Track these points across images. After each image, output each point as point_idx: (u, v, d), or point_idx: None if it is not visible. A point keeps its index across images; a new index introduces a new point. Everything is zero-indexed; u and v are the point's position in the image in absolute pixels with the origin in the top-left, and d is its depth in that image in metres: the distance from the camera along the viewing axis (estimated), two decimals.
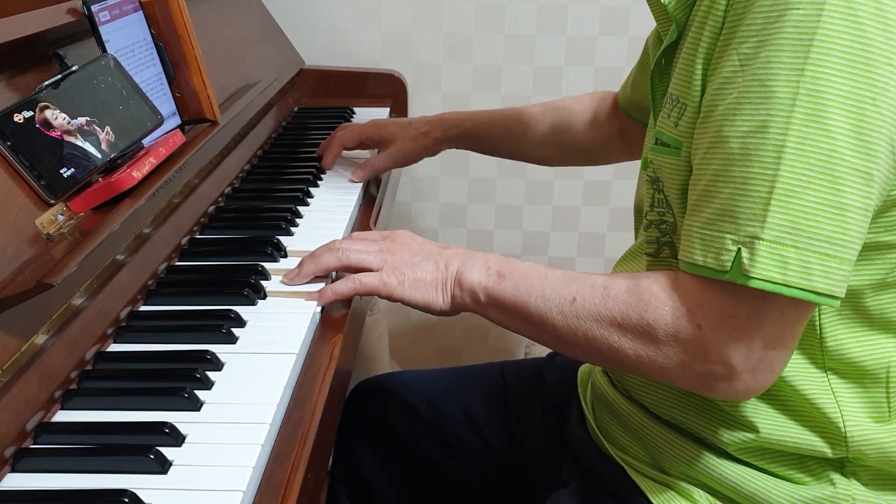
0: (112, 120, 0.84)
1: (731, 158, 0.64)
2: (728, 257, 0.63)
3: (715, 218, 0.65)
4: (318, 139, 1.38)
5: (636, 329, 0.69)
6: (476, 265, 0.80)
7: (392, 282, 0.81)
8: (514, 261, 0.80)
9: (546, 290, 0.75)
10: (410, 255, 0.83)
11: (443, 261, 0.82)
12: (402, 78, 1.69)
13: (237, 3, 1.46)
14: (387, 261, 0.83)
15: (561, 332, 0.74)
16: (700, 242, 0.66)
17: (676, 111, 0.73)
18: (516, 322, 0.78)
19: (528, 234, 1.85)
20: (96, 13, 0.88)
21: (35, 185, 0.73)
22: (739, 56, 0.64)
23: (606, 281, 0.73)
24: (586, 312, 0.72)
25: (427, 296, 0.81)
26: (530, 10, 1.68)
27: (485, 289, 0.78)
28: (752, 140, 0.63)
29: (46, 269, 0.67)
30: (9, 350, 0.64)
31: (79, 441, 0.64)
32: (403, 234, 0.87)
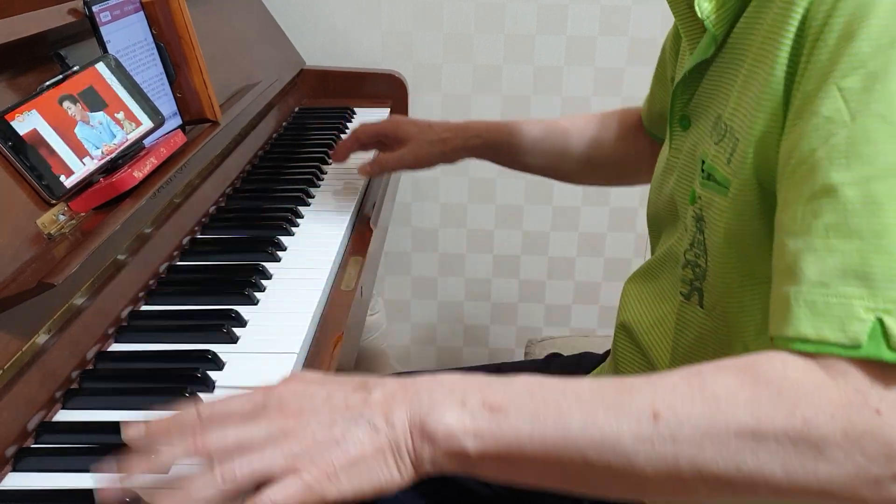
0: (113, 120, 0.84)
1: (851, 209, 0.52)
2: (861, 328, 0.50)
3: (831, 280, 0.51)
4: (319, 139, 1.39)
5: (784, 434, 0.49)
6: (438, 402, 0.53)
7: (320, 482, 0.52)
8: (489, 379, 0.55)
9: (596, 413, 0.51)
10: (325, 428, 0.53)
11: (379, 415, 0.53)
12: (402, 78, 1.69)
13: (237, 4, 1.46)
14: (296, 455, 0.52)
15: (644, 468, 0.51)
16: (808, 310, 0.52)
17: (731, 145, 0.64)
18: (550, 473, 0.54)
19: (528, 234, 1.85)
20: (97, 13, 0.88)
21: (36, 185, 0.73)
22: (842, 92, 0.54)
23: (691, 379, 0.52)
24: (688, 431, 0.50)
25: (376, 477, 0.53)
26: (530, 10, 1.69)
27: (477, 434, 0.52)
28: (879, 186, 0.51)
29: (48, 268, 0.68)
30: (10, 350, 0.64)
31: (80, 440, 0.64)
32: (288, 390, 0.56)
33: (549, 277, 1.90)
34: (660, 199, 0.83)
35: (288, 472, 0.52)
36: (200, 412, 0.55)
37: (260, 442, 0.53)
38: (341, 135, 1.45)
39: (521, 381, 0.55)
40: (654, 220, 0.86)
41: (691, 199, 0.71)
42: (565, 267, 1.90)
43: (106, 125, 0.83)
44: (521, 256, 1.88)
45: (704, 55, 0.70)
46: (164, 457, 0.53)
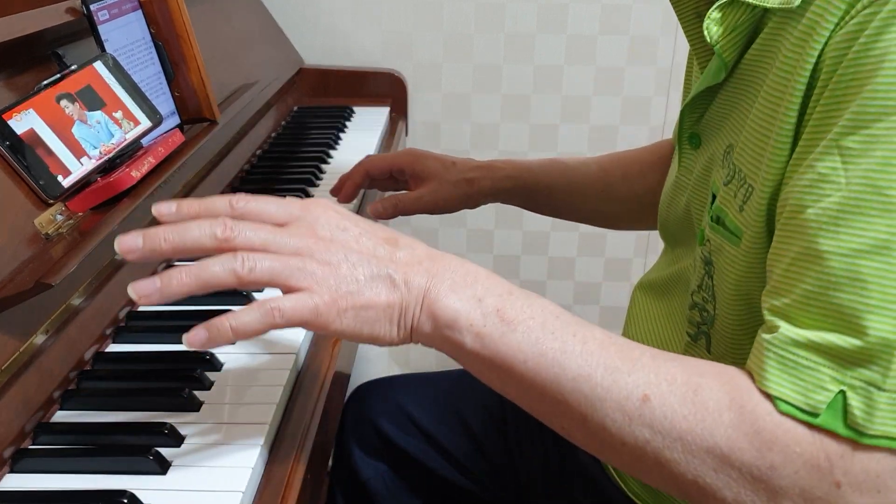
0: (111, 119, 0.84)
1: (834, 282, 0.50)
2: (823, 398, 0.50)
3: (805, 343, 0.51)
4: (318, 139, 1.38)
5: (749, 469, 0.51)
6: (457, 287, 0.56)
7: (328, 311, 0.54)
8: (516, 291, 0.57)
9: (594, 369, 0.53)
10: (350, 266, 0.55)
11: (400, 273, 0.55)
12: (402, 78, 1.68)
13: (236, 3, 1.45)
14: (316, 276, 0.54)
15: (613, 436, 0.53)
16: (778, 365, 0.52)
17: (743, 192, 0.60)
18: (529, 397, 0.56)
19: (528, 235, 1.85)
20: (95, 12, 0.88)
21: (33, 184, 0.73)
22: (841, 151, 0.51)
23: (692, 378, 0.53)
24: (668, 424, 0.52)
25: (376, 328, 0.55)
26: (530, 9, 1.68)
27: (478, 335, 0.55)
28: (865, 263, 0.49)
29: (45, 269, 0.67)
30: (7, 350, 0.64)
31: (78, 441, 0.64)
32: (326, 216, 0.57)
33: (549, 277, 1.90)
34: (670, 215, 0.81)
35: (303, 289, 0.53)
36: (234, 204, 0.56)
37: (287, 252, 0.54)
38: (341, 134, 1.45)
39: (540, 304, 0.56)
40: (665, 232, 0.83)
41: (700, 239, 0.68)
42: (565, 267, 1.89)
43: (104, 124, 0.83)
44: (521, 256, 1.88)
45: (716, 80, 0.66)
46: (189, 235, 0.53)
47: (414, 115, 1.75)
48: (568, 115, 1.77)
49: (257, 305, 0.54)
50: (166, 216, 0.56)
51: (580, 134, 1.78)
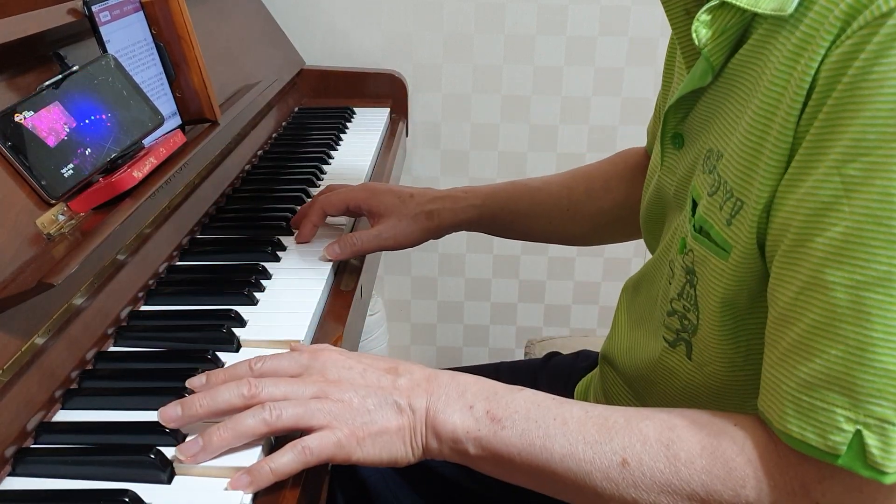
0: (113, 120, 0.84)
1: (839, 313, 0.51)
2: (841, 439, 0.51)
3: (818, 383, 0.52)
4: (319, 139, 1.39)
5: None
6: (451, 402, 0.62)
7: (350, 443, 0.61)
8: (499, 388, 0.63)
9: (575, 447, 0.58)
10: (361, 399, 0.62)
11: (404, 398, 0.63)
12: (402, 78, 1.69)
13: (237, 4, 1.46)
14: (334, 413, 0.61)
15: (609, 501, 0.59)
16: (795, 410, 0.53)
17: (730, 206, 0.60)
18: (534, 483, 0.62)
19: None
20: (97, 13, 0.88)
21: (35, 185, 0.73)
22: (843, 178, 0.51)
23: (663, 433, 0.57)
24: (649, 482, 0.56)
25: (393, 451, 0.62)
26: (530, 10, 1.68)
27: (476, 440, 0.61)
28: (869, 295, 0.50)
29: (47, 268, 0.67)
30: (9, 350, 0.64)
31: (79, 441, 0.64)
32: (328, 358, 0.65)
33: (549, 277, 1.90)
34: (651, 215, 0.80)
35: (324, 427, 0.61)
36: (253, 367, 0.66)
37: (305, 397, 0.62)
38: (341, 135, 1.45)
39: (522, 397, 0.62)
40: (646, 226, 0.84)
41: (681, 248, 0.68)
42: (565, 267, 1.89)
43: (105, 125, 0.83)
44: (521, 256, 1.88)
45: (702, 82, 0.65)
46: (221, 399, 0.62)
47: (414, 116, 1.76)
48: (568, 116, 1.77)
49: (289, 447, 0.61)
50: (198, 387, 0.65)
51: (580, 134, 1.78)
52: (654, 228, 0.83)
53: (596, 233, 1.03)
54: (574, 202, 1.00)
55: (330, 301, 0.88)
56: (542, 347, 1.32)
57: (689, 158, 0.71)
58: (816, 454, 0.52)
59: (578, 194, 1.01)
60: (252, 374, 0.65)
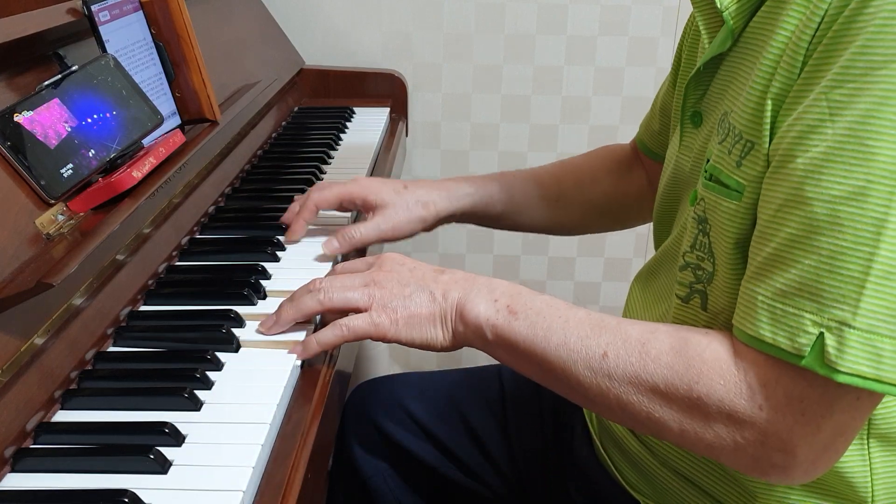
0: (112, 120, 0.84)
1: (816, 225, 0.55)
2: (807, 340, 0.55)
3: (791, 291, 0.56)
4: (319, 139, 1.39)
5: (683, 401, 0.60)
6: (481, 295, 0.71)
7: (384, 322, 0.72)
8: (525, 291, 0.71)
9: (569, 339, 0.65)
10: (401, 287, 0.73)
11: (440, 290, 0.72)
12: (402, 78, 1.69)
13: (237, 3, 1.46)
14: (375, 297, 0.73)
15: (588, 390, 0.65)
16: (769, 316, 0.57)
17: (739, 148, 0.63)
18: (532, 369, 0.69)
19: (529, 235, 1.85)
20: (96, 13, 0.88)
21: (35, 184, 0.73)
22: (829, 103, 0.55)
23: (644, 334, 0.63)
24: (621, 373, 0.63)
25: (425, 333, 0.72)
26: (530, 10, 1.68)
27: (493, 326, 0.69)
28: (844, 208, 0.54)
29: (46, 268, 0.67)
30: (9, 350, 0.64)
31: (79, 441, 0.64)
32: (391, 258, 0.76)
33: (549, 277, 1.90)
34: (669, 196, 0.82)
35: (365, 309, 0.72)
36: (335, 267, 0.82)
37: (357, 285, 0.74)
38: (341, 134, 1.45)
39: (541, 299, 0.70)
40: (660, 221, 0.85)
41: (692, 199, 0.71)
42: (565, 267, 1.89)
43: (105, 125, 0.83)
44: (521, 256, 1.88)
45: (721, 48, 0.69)
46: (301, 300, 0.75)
47: (414, 116, 1.75)
48: (568, 116, 1.77)
49: (332, 325, 0.73)
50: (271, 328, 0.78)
51: (580, 134, 1.78)
52: (666, 220, 0.84)
53: (584, 222, 1.08)
54: (563, 193, 1.05)
55: None
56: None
57: (705, 132, 0.73)
58: (784, 356, 0.56)
59: (567, 186, 1.05)
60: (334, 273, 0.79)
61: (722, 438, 0.60)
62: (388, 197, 0.97)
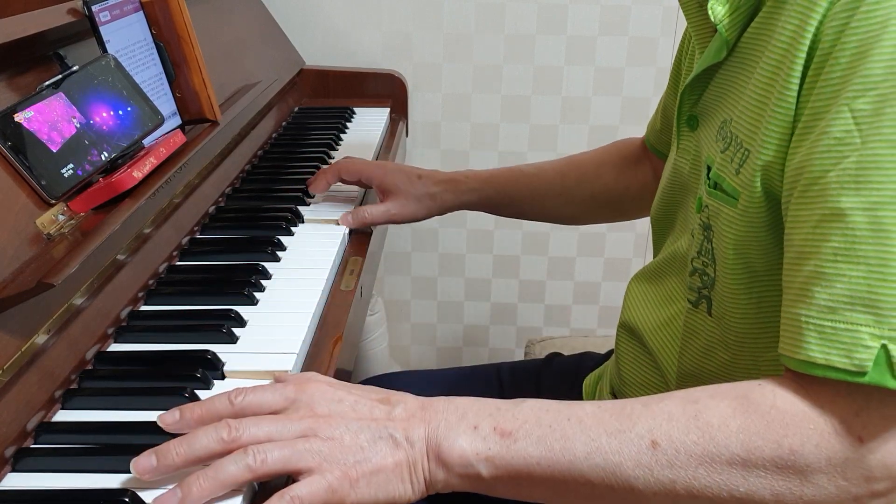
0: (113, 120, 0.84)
1: (859, 236, 0.53)
2: (867, 355, 0.52)
3: (840, 306, 0.53)
4: (319, 139, 1.39)
5: (772, 463, 0.53)
6: (453, 427, 0.58)
7: (342, 485, 0.56)
8: (502, 405, 0.60)
9: (599, 440, 0.56)
10: (352, 436, 0.58)
11: (400, 431, 0.58)
12: (402, 78, 1.69)
13: (237, 4, 1.46)
14: (322, 453, 0.56)
15: (645, 490, 0.55)
16: (818, 336, 0.54)
17: (740, 156, 0.64)
18: (556, 495, 0.58)
19: (528, 235, 1.85)
20: (97, 13, 0.88)
21: (35, 184, 0.73)
22: (854, 113, 0.54)
23: (687, 406, 0.56)
24: (684, 458, 0.54)
25: (391, 489, 0.58)
26: (530, 10, 1.68)
27: (487, 459, 0.57)
28: (887, 212, 0.52)
29: (47, 268, 0.67)
30: (9, 350, 0.64)
31: (79, 441, 0.64)
32: (319, 391, 0.61)
33: (549, 277, 1.90)
34: (670, 199, 0.83)
35: (314, 471, 0.56)
36: (233, 400, 0.60)
37: (291, 437, 0.57)
38: (341, 135, 1.45)
39: (528, 406, 0.59)
40: (658, 220, 0.86)
41: (698, 207, 0.71)
42: (565, 267, 1.90)
43: (105, 125, 0.83)
44: (521, 256, 1.88)
45: (716, 58, 0.69)
46: (198, 445, 0.57)
47: (414, 116, 1.76)
48: (568, 116, 1.77)
49: (276, 498, 0.55)
50: (171, 426, 0.60)
51: (580, 134, 1.78)
52: (665, 221, 0.84)
53: (586, 214, 1.13)
54: (566, 187, 1.09)
55: (330, 301, 0.88)
56: (543, 347, 1.32)
57: (701, 135, 0.74)
58: (842, 375, 0.52)
59: (570, 180, 1.09)
60: (232, 409, 0.59)
61: (824, 488, 0.53)
62: (402, 185, 1.06)
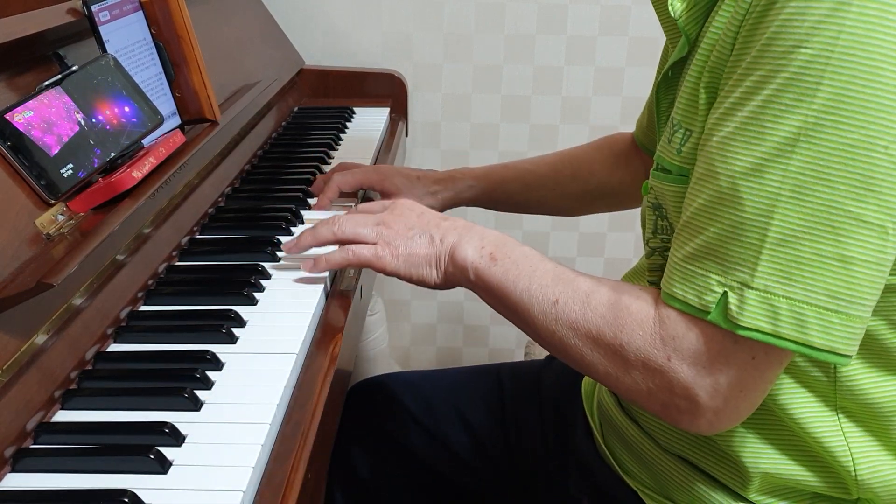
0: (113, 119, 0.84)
1: (721, 197, 0.61)
2: (712, 298, 0.61)
3: (699, 254, 0.63)
4: (319, 139, 1.39)
5: (608, 347, 0.67)
6: (471, 241, 0.79)
7: (386, 255, 0.82)
8: (511, 242, 0.78)
9: (531, 286, 0.73)
10: (406, 228, 0.82)
11: (439, 234, 0.81)
12: (402, 78, 1.69)
13: (237, 3, 1.46)
14: (382, 234, 0.83)
15: (540, 331, 0.73)
16: (680, 275, 0.64)
17: (679, 136, 0.69)
18: (501, 309, 0.78)
19: (528, 234, 1.85)
20: (96, 13, 0.88)
21: (35, 185, 0.73)
22: (742, 88, 0.60)
23: (591, 287, 0.70)
24: (564, 318, 0.70)
25: (420, 271, 0.81)
26: (530, 10, 1.68)
27: (475, 269, 0.77)
28: (744, 183, 0.59)
29: (46, 269, 0.67)
30: (9, 350, 0.64)
31: (79, 441, 0.64)
32: (403, 204, 0.86)
33: None
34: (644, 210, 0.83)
35: (373, 243, 0.83)
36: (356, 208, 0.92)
37: (368, 223, 0.84)
38: (341, 135, 1.45)
39: (521, 251, 0.77)
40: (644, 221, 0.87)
41: (645, 190, 0.78)
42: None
43: (105, 125, 0.83)
44: None
45: (680, 55, 0.72)
46: (319, 229, 0.87)
47: (414, 116, 1.76)
48: (568, 116, 1.77)
49: (341, 249, 0.84)
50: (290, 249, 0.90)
51: (580, 134, 1.78)
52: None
53: (583, 208, 1.20)
54: (561, 183, 1.15)
55: (330, 301, 0.88)
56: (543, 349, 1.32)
57: None
58: (693, 311, 0.63)
59: (565, 176, 1.15)
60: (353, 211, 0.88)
61: (637, 384, 0.66)
62: (403, 187, 1.12)
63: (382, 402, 1.06)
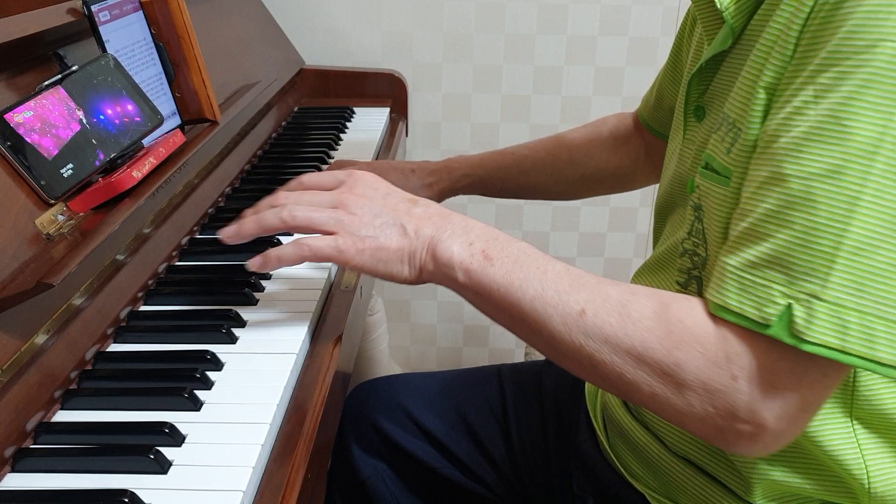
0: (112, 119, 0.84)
1: (792, 201, 0.56)
2: (774, 311, 0.56)
3: (762, 262, 0.57)
4: (318, 139, 1.39)
5: (659, 366, 0.60)
6: (456, 236, 0.69)
7: (348, 249, 0.70)
8: (501, 236, 0.70)
9: (546, 292, 0.64)
10: (371, 216, 0.71)
11: (412, 224, 0.70)
12: (402, 78, 1.69)
13: (237, 3, 1.46)
14: (343, 222, 0.71)
15: (560, 345, 0.64)
16: (737, 285, 0.58)
17: (731, 136, 0.65)
18: (503, 318, 0.68)
19: (528, 235, 1.85)
20: (96, 13, 0.88)
21: (35, 185, 0.73)
22: (815, 86, 0.57)
23: (625, 296, 0.63)
24: (598, 332, 0.62)
25: (390, 267, 0.71)
26: (530, 10, 1.68)
27: (466, 270, 0.68)
28: (819, 185, 0.55)
29: (46, 268, 0.67)
30: (9, 350, 0.64)
31: (79, 441, 0.64)
32: (363, 180, 0.74)
33: None
34: (673, 188, 0.82)
35: (332, 233, 0.71)
36: (303, 181, 0.78)
37: (324, 204, 0.72)
38: (341, 135, 1.45)
39: (517, 247, 0.68)
40: (661, 210, 0.85)
41: (689, 188, 0.73)
42: None
43: (105, 125, 0.83)
44: None
45: (722, 47, 0.70)
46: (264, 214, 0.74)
47: (414, 116, 1.76)
48: (568, 116, 1.77)
49: (294, 244, 0.72)
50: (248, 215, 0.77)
51: None
52: (666, 213, 0.84)
53: (578, 192, 1.16)
54: (557, 168, 1.12)
55: (330, 301, 0.88)
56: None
57: (708, 126, 0.74)
58: (750, 325, 0.57)
59: (561, 161, 1.12)
60: (300, 187, 0.77)
61: (692, 406, 0.60)
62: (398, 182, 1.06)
63: (383, 403, 1.06)
